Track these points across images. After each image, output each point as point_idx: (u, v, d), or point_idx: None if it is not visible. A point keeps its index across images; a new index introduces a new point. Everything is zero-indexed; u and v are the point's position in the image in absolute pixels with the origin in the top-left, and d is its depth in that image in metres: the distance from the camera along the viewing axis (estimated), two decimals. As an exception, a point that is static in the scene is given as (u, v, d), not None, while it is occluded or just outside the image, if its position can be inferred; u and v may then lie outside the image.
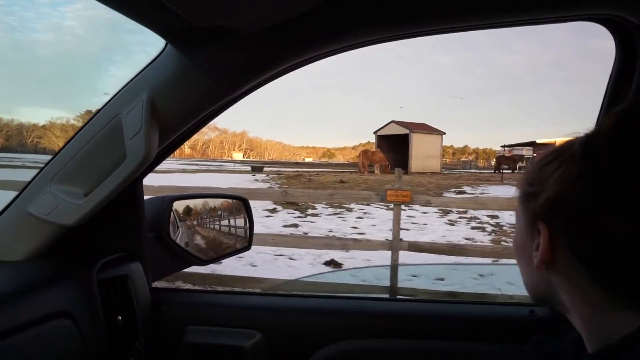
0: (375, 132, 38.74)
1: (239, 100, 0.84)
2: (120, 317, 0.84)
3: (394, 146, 35.23)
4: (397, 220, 3.98)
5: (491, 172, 38.04)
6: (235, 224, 1.27)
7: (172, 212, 1.06)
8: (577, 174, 0.44)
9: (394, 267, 3.86)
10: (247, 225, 1.23)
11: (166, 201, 1.05)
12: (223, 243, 1.23)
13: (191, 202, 1.17)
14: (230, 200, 1.28)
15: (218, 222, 1.26)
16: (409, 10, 0.69)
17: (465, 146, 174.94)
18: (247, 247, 1.24)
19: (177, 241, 1.06)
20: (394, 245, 3.95)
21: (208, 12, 0.64)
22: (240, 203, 1.25)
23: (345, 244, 4.25)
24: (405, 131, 35.28)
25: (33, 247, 0.83)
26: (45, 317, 0.68)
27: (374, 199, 4.24)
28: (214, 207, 1.26)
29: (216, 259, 1.17)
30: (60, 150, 0.82)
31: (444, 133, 37.75)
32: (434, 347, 0.88)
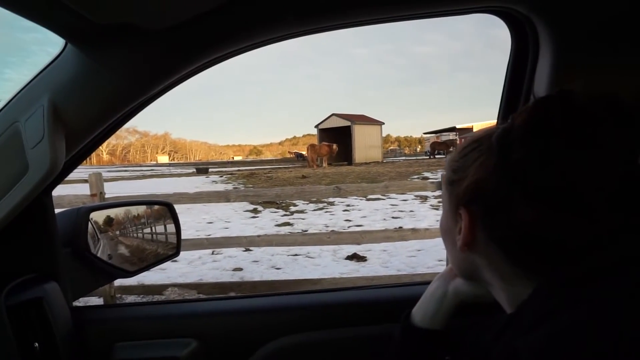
0: (316, 126, 38.68)
1: (154, 99, 0.80)
2: (37, 344, 0.77)
3: (336, 138, 35.37)
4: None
5: (424, 158, 40.09)
6: (165, 230, 1.21)
7: (90, 224, 0.99)
8: (493, 165, 0.48)
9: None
10: (174, 230, 1.18)
11: (82, 213, 0.98)
12: (150, 251, 1.17)
13: (112, 212, 1.09)
14: (154, 207, 1.22)
15: (143, 230, 1.18)
16: (325, 2, 0.69)
17: (388, 135, 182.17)
18: (176, 253, 1.19)
19: (99, 254, 1.00)
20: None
21: (112, 10, 0.59)
22: (165, 208, 1.19)
23: (403, 235, 4.09)
24: (346, 123, 35.78)
25: None
26: None
27: (430, 187, 4.21)
28: (137, 214, 1.18)
29: (143, 269, 1.11)
30: None
31: (383, 123, 38.57)
32: (376, 332, 0.89)
